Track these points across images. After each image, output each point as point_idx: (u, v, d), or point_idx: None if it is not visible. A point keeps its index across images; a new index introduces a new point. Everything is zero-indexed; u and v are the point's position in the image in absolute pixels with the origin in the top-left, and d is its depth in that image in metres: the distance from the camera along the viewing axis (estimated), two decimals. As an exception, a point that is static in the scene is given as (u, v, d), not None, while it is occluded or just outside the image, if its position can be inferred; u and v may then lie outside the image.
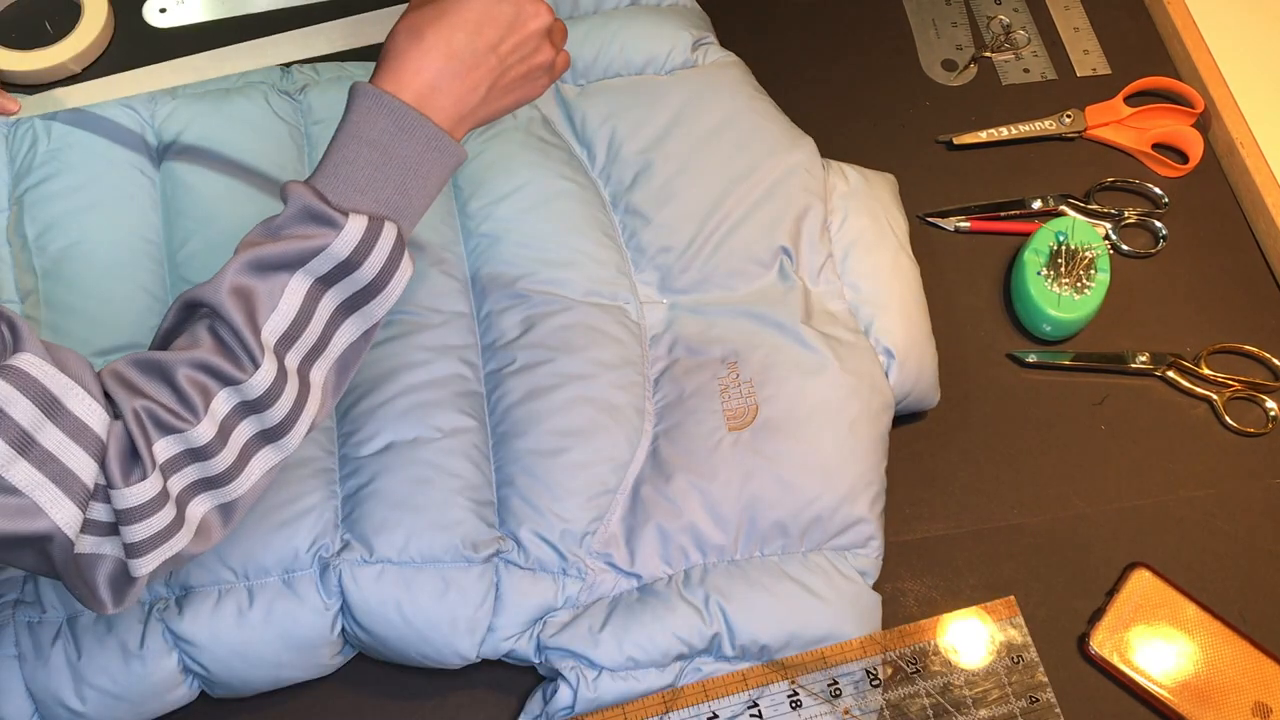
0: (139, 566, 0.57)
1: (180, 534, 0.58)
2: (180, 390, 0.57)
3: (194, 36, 1.04)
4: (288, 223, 0.60)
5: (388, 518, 0.76)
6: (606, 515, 0.79)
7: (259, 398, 0.59)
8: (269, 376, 0.58)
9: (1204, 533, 0.85)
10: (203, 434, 0.57)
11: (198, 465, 0.58)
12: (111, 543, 0.57)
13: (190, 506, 0.59)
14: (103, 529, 0.56)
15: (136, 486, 0.55)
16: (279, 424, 0.60)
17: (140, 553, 0.57)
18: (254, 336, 0.58)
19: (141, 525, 0.56)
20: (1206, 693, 0.78)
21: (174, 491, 0.57)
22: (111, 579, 0.57)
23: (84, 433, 0.54)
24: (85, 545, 0.56)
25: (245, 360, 0.58)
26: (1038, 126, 1.01)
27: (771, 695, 0.76)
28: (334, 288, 0.61)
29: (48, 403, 0.52)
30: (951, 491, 0.87)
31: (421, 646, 0.75)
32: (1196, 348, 0.92)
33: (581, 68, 0.95)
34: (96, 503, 0.55)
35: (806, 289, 0.86)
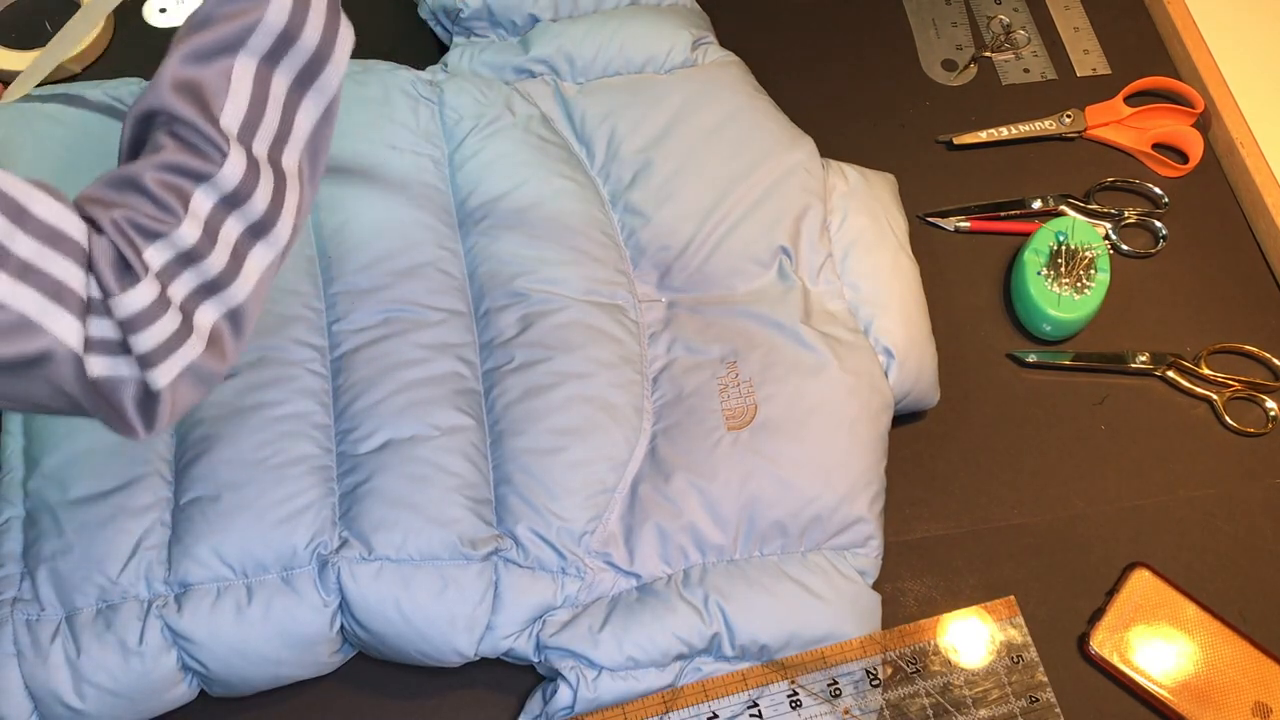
0: (156, 378, 0.55)
1: (191, 341, 0.56)
2: (154, 195, 0.55)
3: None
4: (214, 7, 0.58)
5: (386, 515, 0.76)
6: (605, 514, 0.79)
7: (235, 189, 0.57)
8: (240, 165, 0.57)
9: (1204, 533, 0.85)
10: (188, 234, 0.56)
11: (193, 270, 0.56)
12: (127, 363, 0.55)
13: (197, 314, 0.57)
14: (114, 347, 0.54)
15: (133, 291, 0.53)
16: (264, 215, 0.58)
17: (153, 362, 0.55)
18: (213, 126, 0.56)
19: (147, 333, 0.54)
20: (1206, 693, 0.78)
21: (176, 299, 0.56)
22: (138, 401, 0.55)
23: (60, 239, 0.52)
24: (100, 367, 0.54)
25: (211, 151, 0.56)
26: (1038, 126, 1.01)
27: (771, 695, 0.76)
28: (281, 64, 0.59)
29: (14, 211, 0.50)
30: (951, 491, 0.87)
31: (420, 644, 0.75)
32: (1196, 348, 0.92)
33: (581, 66, 0.95)
34: (101, 319, 0.54)
35: (806, 289, 0.86)
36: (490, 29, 0.98)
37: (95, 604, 0.74)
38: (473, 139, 0.91)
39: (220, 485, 0.77)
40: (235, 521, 0.76)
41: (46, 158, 0.88)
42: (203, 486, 0.77)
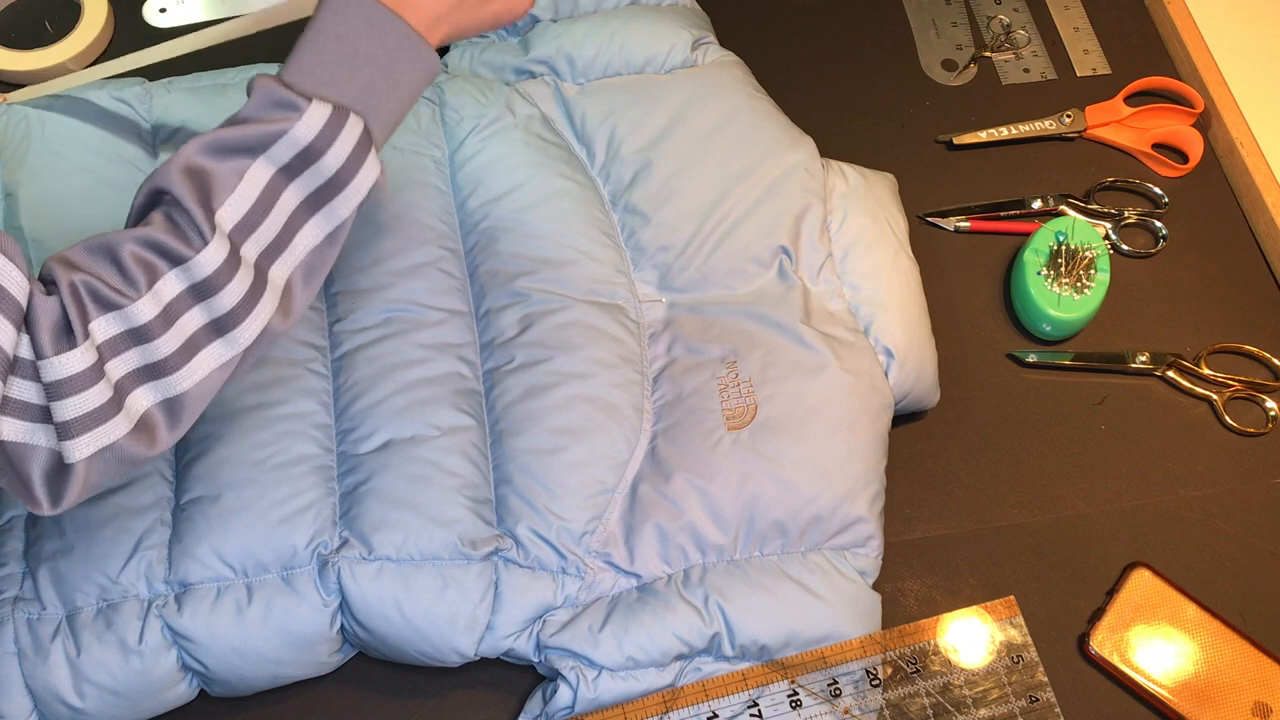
0: (71, 450, 0.53)
1: (117, 420, 0.55)
2: (123, 266, 0.55)
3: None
4: (250, 111, 0.59)
5: (386, 515, 0.76)
6: (605, 514, 0.79)
7: (207, 278, 0.56)
8: (218, 256, 0.56)
9: (1204, 533, 0.85)
10: (143, 311, 0.55)
11: (138, 349, 0.55)
12: (44, 431, 0.53)
13: (131, 396, 0.56)
14: (32, 413, 0.53)
15: (66, 355, 0.52)
16: (228, 313, 0.57)
17: (71, 433, 0.53)
18: (205, 214, 0.56)
19: (72, 401, 0.53)
20: (1206, 693, 0.78)
21: (113, 375, 0.54)
22: (47, 474, 0.54)
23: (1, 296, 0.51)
24: (14, 432, 0.52)
25: (193, 236, 0.56)
26: (1038, 126, 1.01)
27: (771, 695, 0.76)
28: (296, 180, 0.59)
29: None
30: (951, 491, 0.87)
31: (420, 644, 0.75)
32: (1196, 348, 0.92)
33: (581, 66, 0.95)
34: (24, 381, 0.52)
35: (806, 288, 0.86)
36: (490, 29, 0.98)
37: (96, 603, 0.74)
38: (473, 139, 0.91)
39: (221, 485, 0.77)
40: (236, 521, 0.76)
41: (52, 158, 0.88)
42: (203, 486, 0.77)
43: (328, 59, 0.60)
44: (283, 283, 0.60)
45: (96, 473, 0.55)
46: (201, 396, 0.58)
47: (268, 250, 0.59)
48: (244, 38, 1.05)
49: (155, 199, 0.58)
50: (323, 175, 0.60)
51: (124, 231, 0.56)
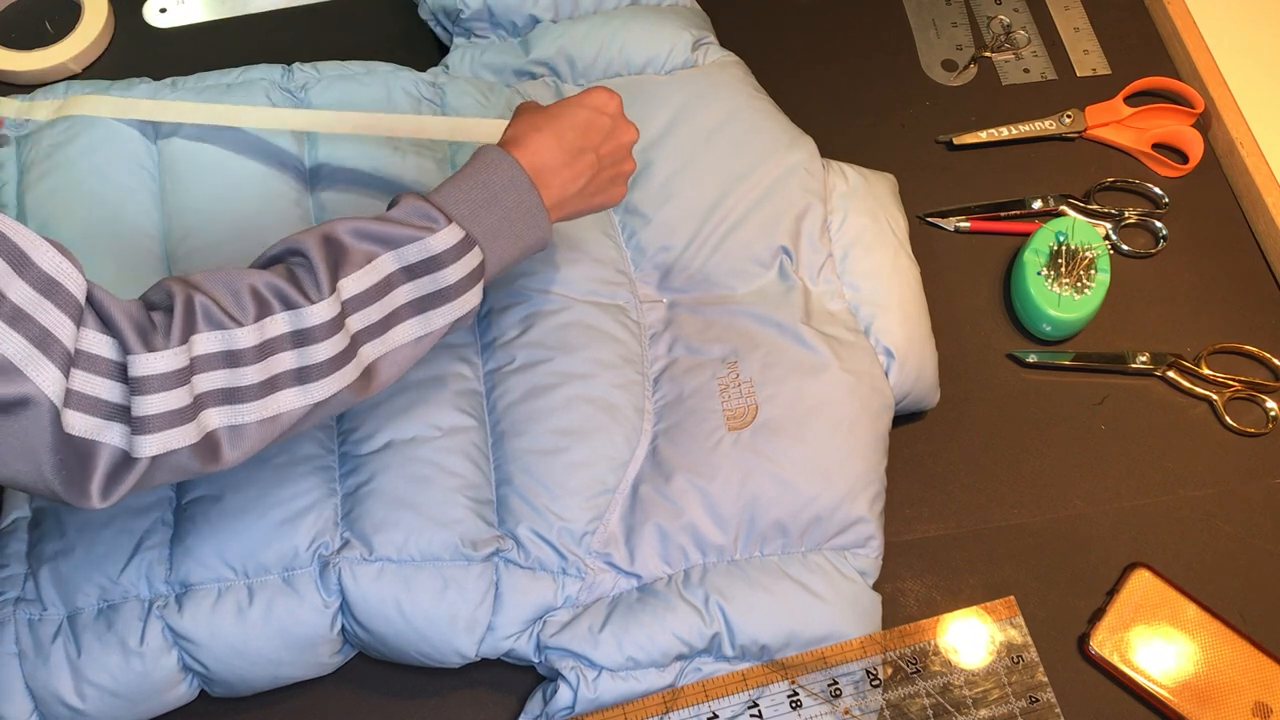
0: (141, 445, 0.56)
1: (188, 428, 0.57)
2: (240, 295, 0.60)
3: (194, 36, 1.04)
4: (396, 214, 0.66)
5: (387, 516, 0.76)
6: (605, 515, 0.79)
7: (310, 329, 0.61)
8: (327, 315, 0.61)
9: (1204, 533, 0.85)
10: (244, 339, 0.59)
11: (227, 372, 0.59)
12: (115, 430, 0.56)
13: (206, 412, 0.58)
14: (107, 410, 0.55)
15: (156, 355, 0.56)
16: (314, 366, 0.62)
17: (147, 429, 0.56)
18: (329, 278, 0.62)
19: (155, 398, 0.56)
20: (1206, 693, 0.78)
21: (197, 387, 0.58)
22: (109, 470, 0.56)
23: (55, 290, 0.53)
24: (85, 426, 0.54)
25: (312, 291, 0.61)
26: (1038, 126, 1.01)
27: (771, 695, 0.76)
28: (414, 281, 0.65)
29: (15, 258, 0.51)
30: (951, 491, 0.87)
31: (421, 645, 0.75)
32: (1196, 348, 0.92)
33: (581, 67, 0.95)
34: (103, 379, 0.55)
35: (806, 289, 0.86)
36: (491, 30, 0.98)
37: (96, 604, 0.74)
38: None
39: (222, 485, 0.77)
40: (237, 522, 0.76)
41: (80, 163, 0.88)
42: (205, 486, 0.77)
43: (471, 196, 0.68)
44: (368, 362, 0.65)
45: (153, 475, 0.58)
46: (265, 434, 0.61)
47: (368, 330, 0.64)
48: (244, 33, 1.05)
49: (285, 256, 0.64)
50: (436, 285, 0.66)
51: (250, 270, 0.62)
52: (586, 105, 0.74)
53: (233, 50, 1.03)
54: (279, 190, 0.88)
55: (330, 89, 0.93)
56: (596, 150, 0.73)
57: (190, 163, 0.89)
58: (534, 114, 0.73)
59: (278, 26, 1.05)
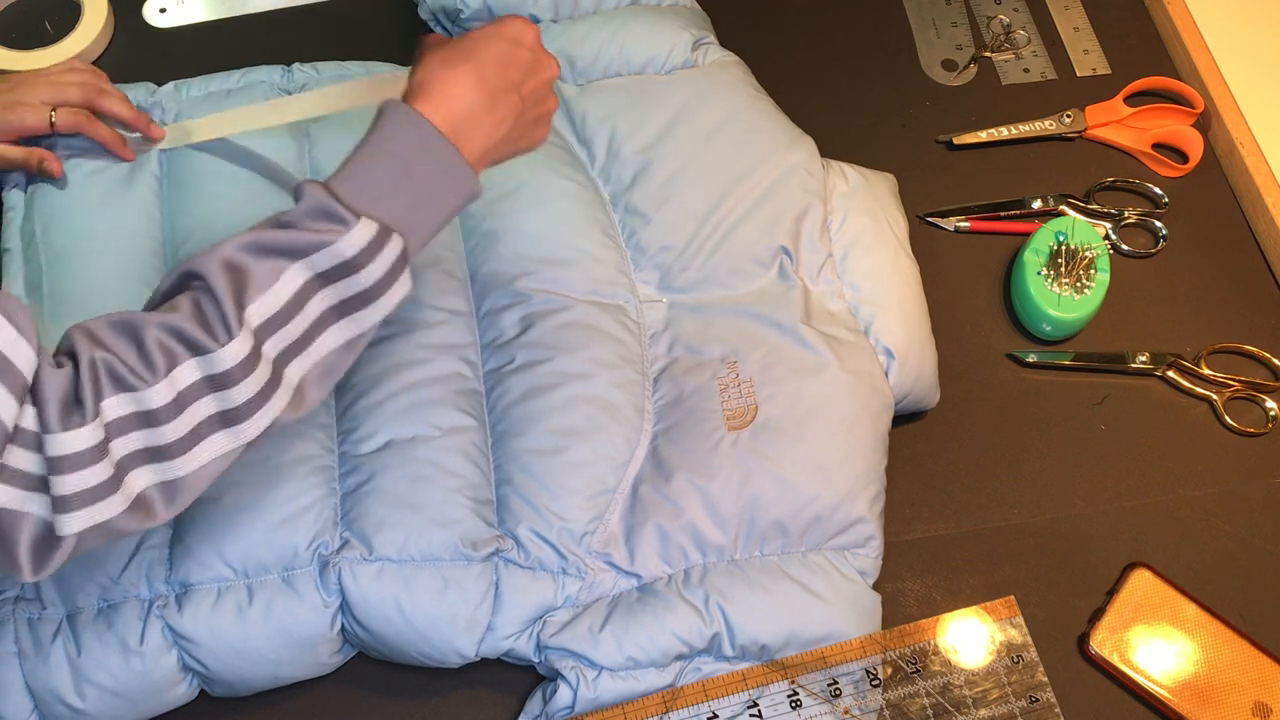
0: (64, 524, 0.54)
1: (113, 499, 0.56)
2: (146, 350, 0.56)
3: (194, 36, 1.04)
4: (298, 216, 0.61)
5: (387, 516, 0.76)
6: (605, 514, 0.79)
7: (225, 372, 0.57)
8: (240, 353, 0.58)
9: (1204, 533, 0.85)
10: (157, 396, 0.56)
11: (145, 432, 0.56)
12: (38, 500, 0.54)
13: (130, 476, 0.57)
14: (29, 482, 0.54)
15: (73, 433, 0.53)
16: (239, 407, 0.58)
17: (67, 508, 0.54)
18: (236, 311, 0.58)
19: (72, 477, 0.54)
20: (1206, 693, 0.78)
21: (116, 454, 0.56)
22: (34, 542, 0.55)
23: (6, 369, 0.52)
24: (7, 499, 0.53)
25: (220, 331, 0.58)
26: (1038, 126, 1.01)
27: (771, 695, 0.76)
28: (330, 287, 0.61)
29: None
30: (951, 491, 0.87)
31: (421, 645, 0.75)
32: (1196, 348, 0.92)
33: (581, 67, 0.95)
34: (26, 451, 0.53)
35: (806, 288, 0.86)
36: (491, 29, 0.98)
37: (96, 603, 0.74)
38: (473, 139, 0.91)
39: (222, 485, 0.76)
40: (237, 521, 0.76)
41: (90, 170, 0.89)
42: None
43: (380, 175, 0.62)
44: (297, 381, 0.61)
45: (85, 544, 0.56)
46: (200, 482, 0.59)
47: (288, 349, 0.60)
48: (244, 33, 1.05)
49: (186, 282, 0.59)
50: (356, 287, 0.61)
51: (151, 314, 0.57)
52: (503, 37, 0.66)
53: (232, 50, 1.03)
54: (279, 191, 0.88)
55: (330, 89, 0.93)
56: (519, 89, 0.66)
57: (194, 170, 0.89)
58: (444, 50, 0.66)
59: (278, 26, 1.05)
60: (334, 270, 0.60)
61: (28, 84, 0.83)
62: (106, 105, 0.85)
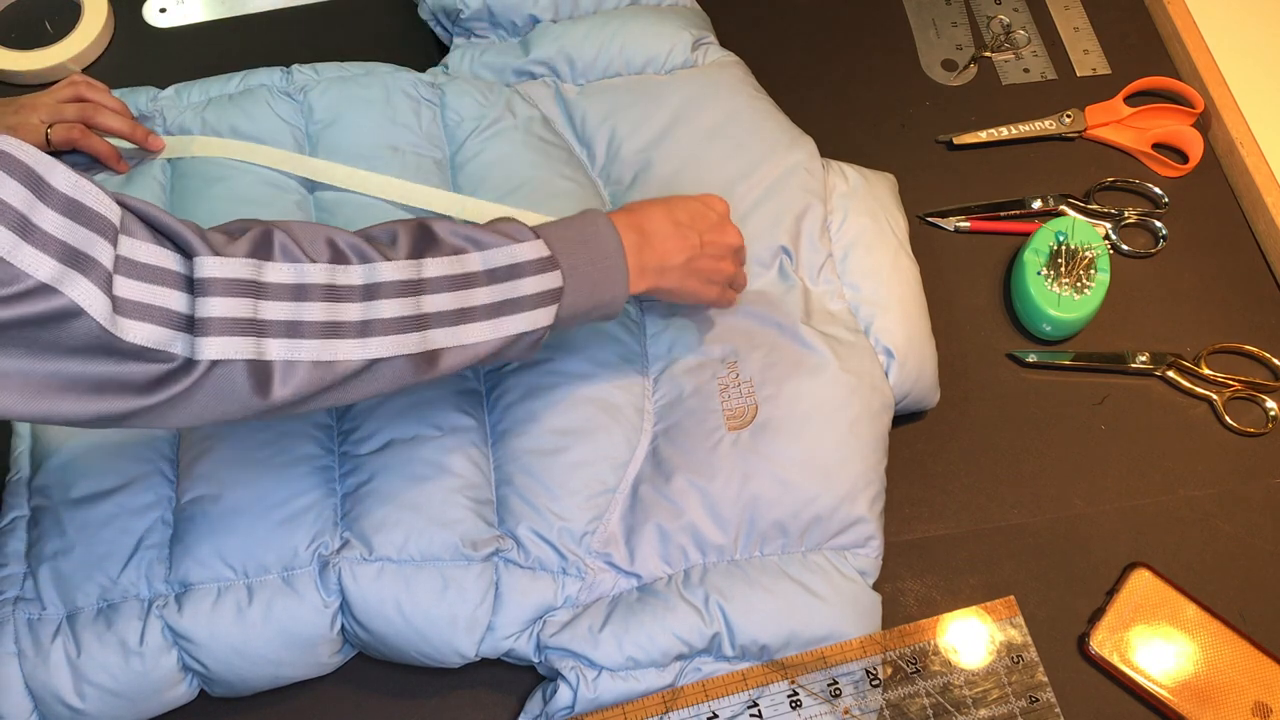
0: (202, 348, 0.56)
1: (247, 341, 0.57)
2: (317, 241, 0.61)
3: (194, 36, 1.04)
4: (493, 224, 0.68)
5: (387, 516, 0.76)
6: (605, 514, 0.79)
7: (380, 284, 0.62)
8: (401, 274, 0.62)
9: (1204, 533, 0.85)
10: (314, 275, 0.60)
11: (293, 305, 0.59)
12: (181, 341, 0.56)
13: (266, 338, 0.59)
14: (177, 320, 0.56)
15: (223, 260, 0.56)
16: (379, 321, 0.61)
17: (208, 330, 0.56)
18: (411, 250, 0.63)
19: (219, 301, 0.56)
20: (1206, 693, 0.78)
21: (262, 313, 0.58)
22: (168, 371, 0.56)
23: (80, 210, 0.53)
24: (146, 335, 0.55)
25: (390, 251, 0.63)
26: (1038, 126, 1.01)
27: (771, 695, 0.76)
28: (493, 285, 0.66)
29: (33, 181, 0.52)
30: (951, 491, 0.87)
31: (421, 645, 0.75)
32: (1196, 348, 0.92)
33: (581, 67, 0.95)
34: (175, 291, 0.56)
35: (806, 288, 0.86)
36: (490, 30, 0.98)
37: (96, 603, 0.74)
38: (474, 141, 0.91)
39: (222, 485, 0.77)
40: (237, 521, 0.76)
41: None
42: (205, 485, 0.77)
43: (564, 235, 0.69)
44: (435, 346, 0.64)
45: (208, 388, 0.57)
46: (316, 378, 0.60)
47: (441, 315, 0.64)
48: (244, 33, 1.05)
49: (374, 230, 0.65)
50: (513, 293, 0.66)
51: (335, 228, 0.63)
52: (697, 198, 0.78)
53: (232, 50, 1.03)
54: (281, 192, 0.88)
55: (329, 91, 0.93)
56: (701, 234, 0.76)
57: (198, 174, 0.89)
58: (646, 198, 0.77)
59: (277, 26, 1.05)
60: (502, 270, 0.66)
61: (30, 106, 0.87)
62: (103, 122, 0.88)
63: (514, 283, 0.66)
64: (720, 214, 0.78)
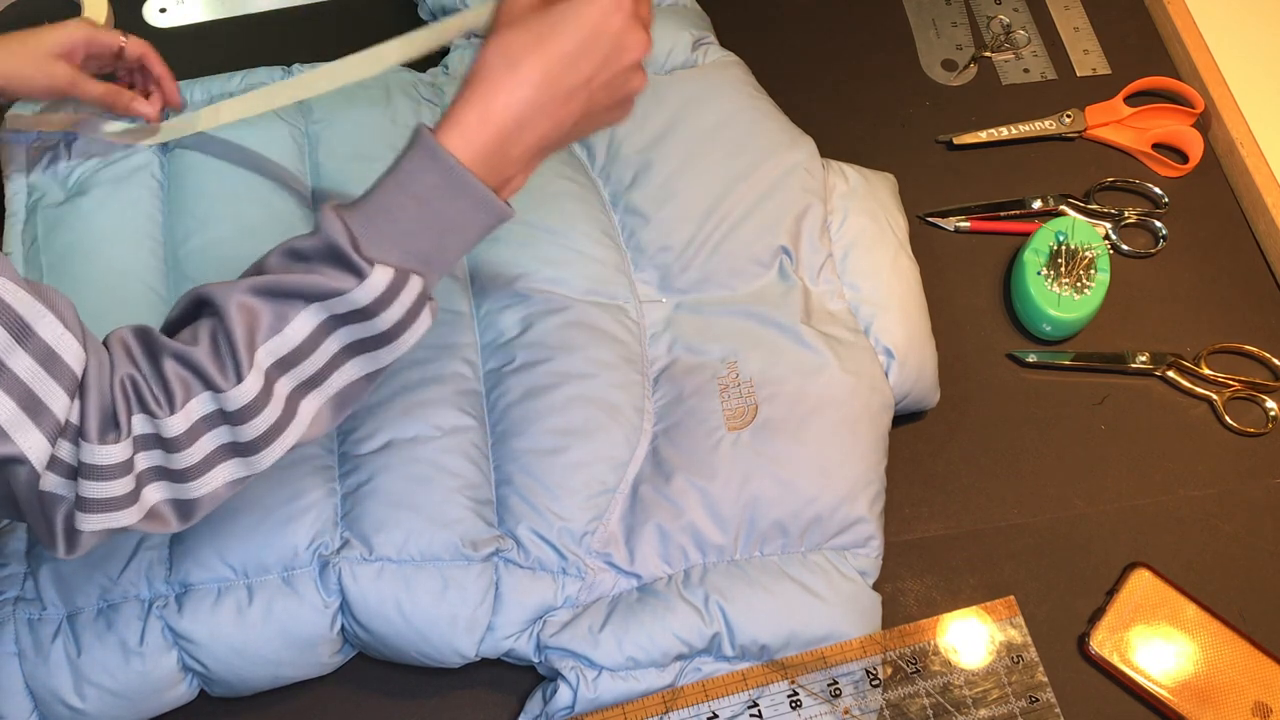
0: (82, 521, 0.57)
1: (130, 510, 0.58)
2: (165, 378, 0.58)
3: (194, 36, 1.04)
4: (314, 255, 0.59)
5: (387, 516, 0.76)
6: (605, 515, 0.79)
7: (236, 411, 0.59)
8: (250, 393, 0.58)
9: (1204, 533, 0.85)
10: (173, 427, 0.58)
11: (162, 453, 0.59)
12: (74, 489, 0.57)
13: (147, 489, 0.59)
14: (70, 471, 0.56)
15: (108, 447, 0.56)
16: (252, 441, 0.60)
17: (87, 509, 0.57)
18: (247, 353, 0.58)
19: (98, 485, 0.56)
20: (1206, 693, 0.78)
21: (137, 468, 0.58)
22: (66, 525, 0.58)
23: (55, 361, 0.53)
24: (51, 483, 0.56)
25: (231, 372, 0.58)
26: (1038, 126, 1.01)
27: (771, 695, 0.76)
28: (345, 328, 0.60)
29: (18, 328, 0.52)
30: (951, 491, 0.87)
31: (421, 645, 0.75)
32: (1196, 348, 0.92)
33: (581, 67, 0.95)
34: (67, 443, 0.55)
35: (806, 288, 0.86)
36: (490, 29, 0.98)
37: (96, 604, 0.74)
38: (473, 139, 0.91)
39: (221, 485, 0.77)
40: (236, 522, 0.76)
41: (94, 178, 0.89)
42: (203, 486, 0.77)
43: (399, 217, 0.59)
44: (312, 413, 0.62)
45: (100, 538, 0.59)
46: (213, 500, 0.61)
47: (303, 385, 0.60)
48: (244, 33, 1.05)
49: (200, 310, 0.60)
50: (373, 330, 0.60)
51: (170, 342, 0.58)
52: (583, 17, 0.59)
53: (232, 50, 1.03)
54: (280, 192, 0.88)
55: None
56: (589, 83, 0.60)
57: (194, 170, 0.89)
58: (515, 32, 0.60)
59: (277, 26, 1.05)
60: (350, 315, 0.59)
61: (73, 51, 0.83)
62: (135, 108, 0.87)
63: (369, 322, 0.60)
64: (615, 31, 0.59)
